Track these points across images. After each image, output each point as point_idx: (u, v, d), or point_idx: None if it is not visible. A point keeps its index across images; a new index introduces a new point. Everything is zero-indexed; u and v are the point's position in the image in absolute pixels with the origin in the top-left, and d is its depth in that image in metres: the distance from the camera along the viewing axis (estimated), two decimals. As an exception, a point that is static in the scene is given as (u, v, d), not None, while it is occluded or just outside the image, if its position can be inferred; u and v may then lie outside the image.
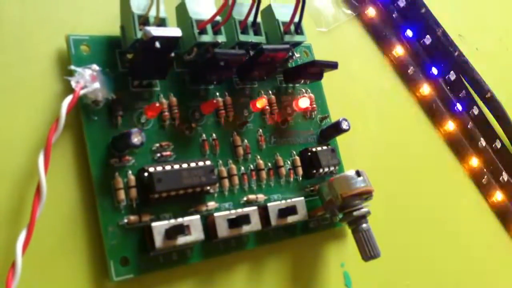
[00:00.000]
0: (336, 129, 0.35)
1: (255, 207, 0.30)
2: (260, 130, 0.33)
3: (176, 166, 0.27)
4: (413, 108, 0.45)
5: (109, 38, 0.28)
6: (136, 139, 0.26)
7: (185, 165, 0.28)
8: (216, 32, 0.30)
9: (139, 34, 0.27)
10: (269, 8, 0.33)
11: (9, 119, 0.25)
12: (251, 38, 0.31)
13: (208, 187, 0.28)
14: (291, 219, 0.31)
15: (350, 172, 0.31)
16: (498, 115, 0.50)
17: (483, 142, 0.48)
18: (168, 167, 0.27)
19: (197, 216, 0.28)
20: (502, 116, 0.50)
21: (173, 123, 0.29)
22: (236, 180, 0.30)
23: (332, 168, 0.34)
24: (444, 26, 0.48)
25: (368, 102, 0.41)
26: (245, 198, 0.31)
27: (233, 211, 0.29)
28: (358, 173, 0.31)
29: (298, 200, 0.32)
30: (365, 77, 0.42)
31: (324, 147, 0.34)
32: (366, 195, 0.31)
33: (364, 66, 0.43)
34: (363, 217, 0.31)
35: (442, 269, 0.41)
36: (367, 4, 0.44)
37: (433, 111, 0.45)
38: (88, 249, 0.26)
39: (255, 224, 0.30)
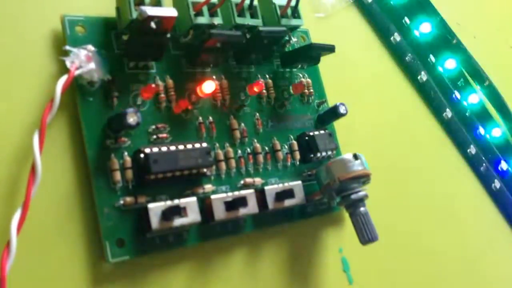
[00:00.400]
0: (334, 113, 0.35)
1: (252, 190, 0.30)
2: (257, 114, 0.32)
3: (172, 148, 0.27)
4: (411, 94, 0.45)
5: (104, 19, 0.28)
6: (131, 119, 0.25)
7: (181, 147, 0.27)
8: (213, 14, 0.29)
9: (135, 15, 0.26)
10: (266, -9, 0.33)
11: (3, 99, 0.25)
12: (247, 21, 0.31)
13: (205, 169, 0.28)
14: (288, 202, 0.31)
15: (347, 155, 0.31)
16: (496, 103, 0.49)
17: (481, 130, 0.48)
18: (164, 149, 0.27)
19: (194, 198, 0.27)
20: (500, 104, 0.49)
21: (169, 105, 0.29)
22: (233, 163, 0.30)
23: (329, 153, 0.34)
24: (443, 14, 0.47)
25: (366, 88, 0.41)
26: (242, 182, 0.30)
27: (230, 194, 0.29)
28: (355, 156, 0.31)
29: (296, 184, 0.32)
30: (363, 63, 0.42)
31: (322, 132, 0.34)
32: (363, 178, 0.31)
33: (362, 52, 0.42)
34: (361, 200, 0.31)
35: (440, 253, 0.41)
36: (365, -10, 0.44)
37: (431, 99, 0.45)
38: (84, 230, 0.25)
39: (252, 207, 0.29)
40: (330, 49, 0.33)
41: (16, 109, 0.25)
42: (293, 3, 0.33)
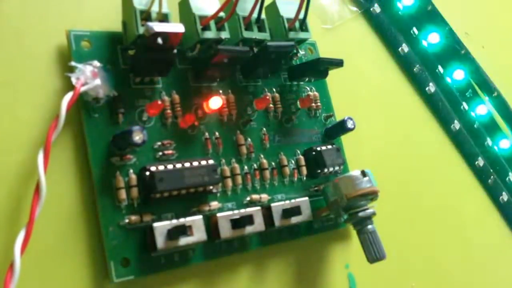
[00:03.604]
0: (341, 128, 0.34)
1: (258, 207, 0.29)
2: (264, 129, 0.32)
3: (178, 165, 0.27)
4: (419, 106, 0.44)
5: (110, 34, 0.28)
6: (137, 137, 0.25)
7: (187, 164, 0.27)
8: (220, 28, 0.29)
9: (141, 30, 0.26)
10: (273, 4, 0.33)
11: (8, 116, 0.25)
12: (255, 34, 0.31)
13: (211, 187, 0.28)
14: (295, 219, 0.30)
15: (355, 172, 0.31)
16: (505, 114, 0.49)
17: (489, 142, 0.47)
18: (170, 166, 0.26)
19: (200, 216, 0.27)
20: (508, 115, 0.49)
21: (175, 121, 0.29)
22: (239, 179, 0.30)
23: (337, 168, 0.33)
24: (451, 23, 0.47)
25: (373, 101, 0.41)
26: (248, 198, 0.30)
27: (236, 211, 0.29)
28: (363, 173, 0.31)
29: (302, 200, 0.31)
30: (371, 75, 0.42)
31: (329, 146, 0.33)
32: (371, 195, 0.31)
33: (370, 64, 0.42)
34: (369, 218, 0.31)
35: (448, 271, 0.41)
36: (373, 0, 0.43)
37: (439, 110, 0.45)
38: (88, 250, 0.25)
39: (258, 224, 0.29)
40: (338, 63, 0.33)
41: (20, 126, 0.25)
42: (301, 16, 0.32)
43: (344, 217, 0.32)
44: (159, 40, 0.25)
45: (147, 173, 0.26)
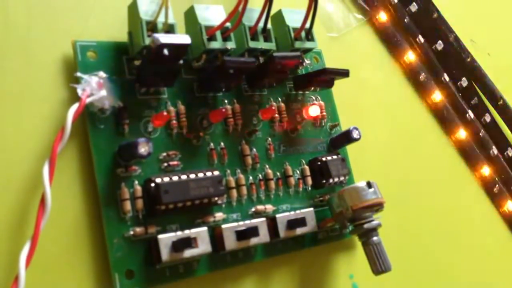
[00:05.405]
0: (347, 138, 0.34)
1: (263, 219, 0.29)
2: (269, 139, 0.32)
3: (184, 177, 0.27)
4: (424, 115, 0.44)
5: (116, 44, 0.28)
6: (143, 149, 0.25)
7: (192, 176, 0.27)
8: (226, 38, 0.29)
9: (147, 41, 0.26)
10: (279, 14, 0.32)
11: (13, 127, 0.25)
12: (261, 44, 0.31)
13: (216, 198, 0.28)
14: (300, 230, 0.30)
15: (361, 183, 0.31)
16: (511, 122, 0.49)
17: (495, 150, 0.47)
18: (175, 178, 0.26)
19: (205, 228, 0.27)
20: (514, 124, 0.49)
21: (180, 131, 0.29)
22: (244, 190, 0.30)
23: (342, 178, 0.33)
24: (456, 31, 0.47)
25: (378, 110, 0.41)
26: (253, 209, 0.30)
27: (241, 223, 0.28)
28: (369, 185, 0.31)
29: (307, 211, 0.31)
30: (376, 84, 0.41)
31: (334, 157, 0.33)
32: (377, 207, 0.31)
33: (375, 72, 0.42)
34: (374, 229, 0.31)
35: (454, 282, 0.40)
36: (378, 9, 0.43)
37: (444, 119, 0.45)
38: (93, 262, 0.25)
39: (263, 236, 0.29)
40: (344, 73, 0.33)
41: (26, 137, 0.25)
42: (307, 25, 0.32)
43: (349, 228, 0.32)
44: (165, 52, 0.25)
45: (153, 184, 0.26)
